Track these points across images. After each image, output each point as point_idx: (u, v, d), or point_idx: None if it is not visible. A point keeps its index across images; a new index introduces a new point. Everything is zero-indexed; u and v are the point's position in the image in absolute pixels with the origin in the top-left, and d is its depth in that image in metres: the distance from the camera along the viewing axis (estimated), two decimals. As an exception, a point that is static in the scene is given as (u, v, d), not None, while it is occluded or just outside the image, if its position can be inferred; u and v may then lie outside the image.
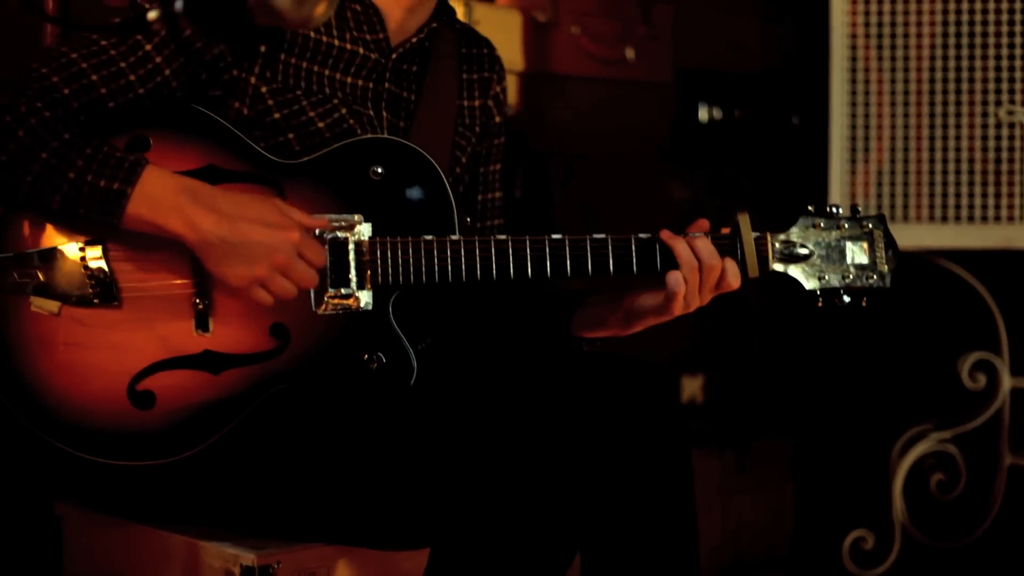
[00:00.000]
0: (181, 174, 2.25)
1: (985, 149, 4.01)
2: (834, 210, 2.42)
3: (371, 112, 2.47)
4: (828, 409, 4.64)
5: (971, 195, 4.01)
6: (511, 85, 3.85)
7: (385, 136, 2.44)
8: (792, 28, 4.80)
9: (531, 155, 3.95)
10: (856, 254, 2.41)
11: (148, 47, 2.30)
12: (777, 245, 2.40)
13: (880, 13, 4.18)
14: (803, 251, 2.40)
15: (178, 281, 2.28)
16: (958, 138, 4.07)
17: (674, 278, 2.33)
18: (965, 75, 4.09)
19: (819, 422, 4.65)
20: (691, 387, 4.40)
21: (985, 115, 4.02)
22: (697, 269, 2.33)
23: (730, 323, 4.49)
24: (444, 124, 2.56)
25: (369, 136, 2.42)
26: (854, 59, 4.21)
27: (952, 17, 4.13)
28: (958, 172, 4.03)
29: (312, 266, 2.25)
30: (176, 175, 2.23)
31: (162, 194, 2.18)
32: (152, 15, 1.76)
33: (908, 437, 4.25)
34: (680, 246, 2.34)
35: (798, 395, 4.63)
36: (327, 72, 2.43)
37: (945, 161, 4.04)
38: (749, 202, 2.38)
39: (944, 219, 4.01)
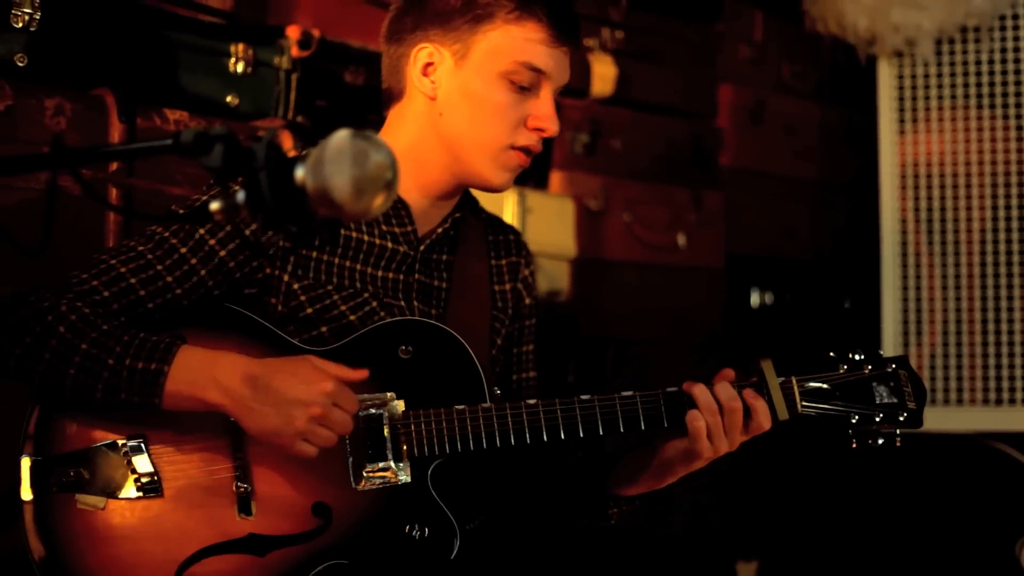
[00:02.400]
0: None
1: (1039, 332, 4.02)
2: (856, 356, 2.45)
3: (402, 303, 2.52)
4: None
5: (1025, 378, 4.00)
6: (564, 271, 3.90)
7: (407, 317, 2.50)
8: (843, 214, 4.85)
9: (583, 340, 3.97)
10: (883, 395, 2.43)
11: (183, 250, 2.36)
12: (804, 387, 2.43)
13: (930, 199, 4.23)
14: (830, 394, 2.43)
15: (219, 467, 2.31)
16: (1011, 320, 4.07)
17: (692, 415, 2.36)
18: (1016, 258, 4.11)
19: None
20: (745, 573, 4.35)
21: (1037, 298, 4.04)
22: (717, 411, 2.36)
23: (783, 508, 4.45)
24: (479, 309, 2.62)
25: (394, 319, 2.47)
26: (904, 243, 4.25)
27: (1001, 201, 4.17)
28: (1011, 355, 4.02)
29: (347, 412, 2.27)
30: (209, 350, 2.27)
31: (198, 368, 2.23)
32: (215, 206, 1.81)
33: (968, 624, 4.18)
34: (698, 390, 2.38)
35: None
36: (357, 266, 2.49)
37: (998, 344, 4.04)
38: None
39: (999, 402, 3.99)
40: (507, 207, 3.63)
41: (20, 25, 2.79)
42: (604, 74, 4.02)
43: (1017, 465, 4.06)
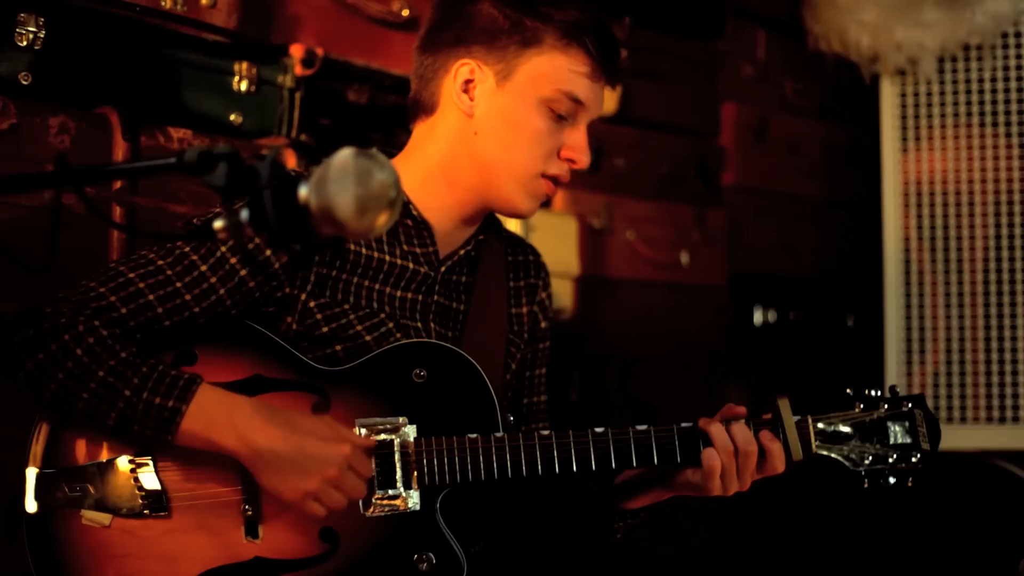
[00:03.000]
0: (228, 385, 2.28)
1: (1042, 350, 4.02)
2: (873, 393, 2.44)
3: (419, 324, 2.51)
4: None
5: (1029, 396, 3.99)
6: (567, 289, 3.90)
7: (424, 340, 2.47)
8: (846, 232, 4.85)
9: (587, 358, 3.97)
10: (898, 434, 2.42)
11: (203, 267, 2.34)
12: (819, 427, 2.41)
13: (933, 216, 4.23)
14: (845, 433, 2.41)
15: (227, 488, 2.29)
16: (1014, 339, 4.07)
17: (708, 454, 2.35)
18: (1020, 276, 4.11)
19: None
20: (750, 591, 4.34)
21: (1040, 316, 4.04)
22: (732, 452, 2.35)
23: (786, 525, 4.44)
24: (496, 332, 2.60)
25: (409, 341, 2.45)
26: (907, 261, 4.25)
27: (1004, 219, 4.17)
28: (1015, 373, 4.02)
29: (361, 478, 2.26)
30: (229, 392, 2.25)
31: (215, 411, 2.21)
32: (218, 224, 1.81)
33: (971, 644, 4.16)
34: (715, 429, 2.36)
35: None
36: (376, 286, 2.47)
37: (1001, 362, 4.04)
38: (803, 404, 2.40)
39: (1002, 420, 3.99)
40: (511, 225, 3.64)
41: (24, 43, 2.79)
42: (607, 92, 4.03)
43: (1021, 483, 4.05)
